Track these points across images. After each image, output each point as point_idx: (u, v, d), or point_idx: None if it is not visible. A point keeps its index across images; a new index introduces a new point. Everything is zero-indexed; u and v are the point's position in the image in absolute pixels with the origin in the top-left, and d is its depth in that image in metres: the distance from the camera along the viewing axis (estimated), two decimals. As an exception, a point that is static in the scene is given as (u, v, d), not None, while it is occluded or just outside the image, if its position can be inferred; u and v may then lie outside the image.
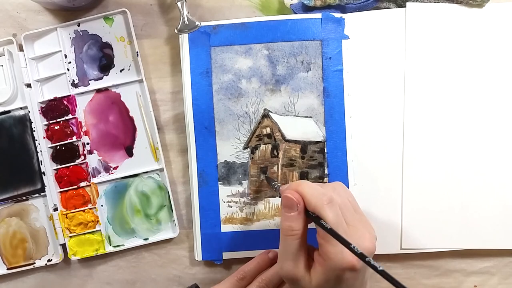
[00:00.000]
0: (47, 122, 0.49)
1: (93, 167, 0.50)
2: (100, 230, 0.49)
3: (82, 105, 0.49)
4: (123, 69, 0.49)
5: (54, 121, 0.49)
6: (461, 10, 0.47)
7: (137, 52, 0.48)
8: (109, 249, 0.50)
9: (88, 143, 0.49)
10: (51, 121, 0.49)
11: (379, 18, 0.48)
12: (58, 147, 0.49)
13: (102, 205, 0.50)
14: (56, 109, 0.49)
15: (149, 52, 0.50)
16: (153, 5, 0.50)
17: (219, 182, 0.48)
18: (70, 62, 0.49)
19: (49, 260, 0.50)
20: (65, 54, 0.49)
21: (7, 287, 0.50)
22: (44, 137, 0.49)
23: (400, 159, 0.48)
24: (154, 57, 0.50)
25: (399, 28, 0.48)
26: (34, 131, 0.48)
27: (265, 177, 0.48)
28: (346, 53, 0.48)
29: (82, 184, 0.49)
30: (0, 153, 0.49)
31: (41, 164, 0.49)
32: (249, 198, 0.49)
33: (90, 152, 0.50)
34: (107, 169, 0.50)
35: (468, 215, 0.48)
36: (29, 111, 0.48)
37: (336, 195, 0.37)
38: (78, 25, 0.49)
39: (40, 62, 0.49)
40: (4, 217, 0.49)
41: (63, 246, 0.49)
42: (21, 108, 0.49)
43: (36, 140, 0.48)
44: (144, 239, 0.50)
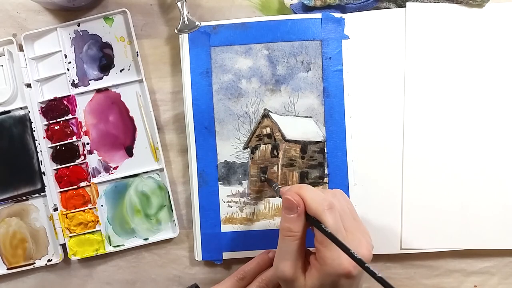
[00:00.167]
0: (47, 122, 0.49)
1: (93, 167, 0.50)
2: (100, 230, 0.49)
3: (82, 105, 0.49)
4: (123, 69, 0.49)
5: (54, 121, 0.49)
6: (461, 10, 0.47)
7: (137, 52, 0.48)
8: (109, 249, 0.50)
9: (88, 143, 0.49)
10: (51, 121, 0.49)
11: (379, 18, 0.48)
12: (58, 147, 0.49)
13: (102, 205, 0.50)
14: (56, 109, 0.49)
15: (149, 52, 0.50)
16: (153, 5, 0.50)
17: (219, 182, 0.48)
18: (70, 62, 0.49)
19: (49, 260, 0.50)
20: (65, 54, 0.49)
21: (7, 287, 0.50)
22: (44, 137, 0.49)
23: (400, 159, 0.48)
24: (154, 57, 0.50)
25: (399, 28, 0.48)
26: (34, 131, 0.48)
27: (266, 179, 0.48)
28: (346, 53, 0.48)
29: (82, 184, 0.49)
30: (0, 153, 0.49)
31: (41, 164, 0.49)
32: (249, 198, 0.49)
33: (90, 152, 0.50)
34: (107, 169, 0.50)
35: (468, 215, 0.48)
36: (29, 111, 0.48)
37: (336, 201, 0.37)
38: (78, 25, 0.49)
39: (40, 62, 0.49)
40: (4, 217, 0.49)
41: (63, 246, 0.49)
42: (21, 108, 0.49)
43: (36, 140, 0.48)
44: (144, 239, 0.50)
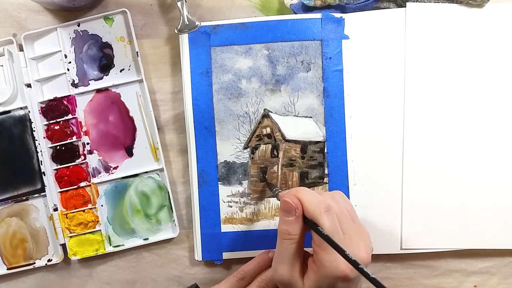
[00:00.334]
0: (47, 122, 0.49)
1: (93, 167, 0.50)
2: (100, 230, 0.49)
3: (82, 105, 0.49)
4: (123, 69, 0.49)
5: (54, 121, 0.49)
6: (461, 10, 0.47)
7: (137, 52, 0.48)
8: (109, 249, 0.50)
9: (88, 143, 0.49)
10: (51, 121, 0.49)
11: (379, 18, 0.48)
12: (58, 147, 0.49)
13: (102, 205, 0.50)
14: (56, 109, 0.49)
15: (149, 52, 0.50)
16: (153, 5, 0.50)
17: (219, 182, 0.48)
18: (70, 62, 0.49)
19: (49, 260, 0.50)
20: (65, 54, 0.49)
21: (7, 287, 0.50)
22: (44, 137, 0.49)
23: (400, 159, 0.48)
24: (154, 57, 0.50)
25: (399, 28, 0.48)
26: (34, 131, 0.48)
27: (266, 182, 0.48)
28: (346, 53, 0.48)
29: (82, 184, 0.49)
30: (0, 153, 0.49)
31: (41, 164, 0.49)
32: (249, 198, 0.49)
33: (90, 152, 0.50)
34: (107, 169, 0.50)
35: (468, 215, 0.48)
36: (29, 111, 0.48)
37: (335, 204, 0.37)
38: (78, 25, 0.49)
39: (40, 62, 0.49)
40: (4, 217, 0.49)
41: (63, 246, 0.49)
42: (21, 108, 0.49)
43: (36, 140, 0.48)
44: (144, 239, 0.50)
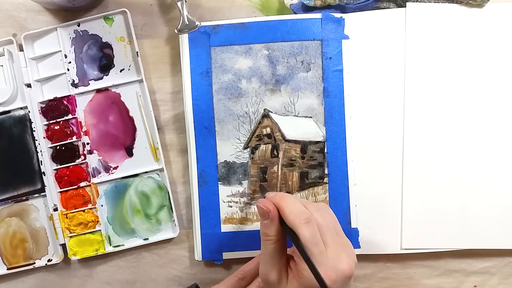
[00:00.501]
0: (47, 122, 0.49)
1: (93, 167, 0.50)
2: (100, 230, 0.49)
3: (82, 105, 0.49)
4: (123, 69, 0.49)
5: (54, 121, 0.49)
6: (461, 10, 0.47)
7: (137, 52, 0.48)
8: (109, 249, 0.50)
9: (88, 143, 0.49)
10: (51, 121, 0.49)
11: (379, 18, 0.48)
12: (58, 147, 0.49)
13: (102, 205, 0.50)
14: (56, 109, 0.49)
15: (149, 52, 0.50)
16: (153, 5, 0.50)
17: (219, 182, 0.48)
18: (70, 62, 0.49)
19: (49, 260, 0.50)
20: (65, 54, 0.49)
21: (7, 287, 0.50)
22: (44, 137, 0.49)
23: (400, 159, 0.48)
24: (154, 57, 0.50)
25: (399, 28, 0.48)
26: (34, 131, 0.48)
27: (260, 186, 0.48)
28: (346, 53, 0.48)
29: (82, 184, 0.49)
30: (0, 153, 0.49)
31: (41, 164, 0.49)
32: (249, 198, 0.49)
33: (90, 152, 0.50)
34: (107, 169, 0.50)
35: (468, 215, 0.48)
36: (29, 111, 0.48)
37: (319, 215, 0.37)
38: (78, 25, 0.49)
39: (40, 62, 0.49)
40: (4, 217, 0.49)
41: (63, 246, 0.49)
42: (21, 108, 0.49)
43: (36, 140, 0.48)
44: (144, 239, 0.50)
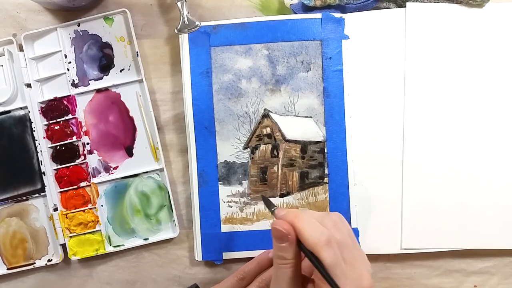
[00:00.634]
0: (47, 122, 0.49)
1: (93, 167, 0.50)
2: (100, 230, 0.49)
3: (82, 105, 0.49)
4: (123, 69, 0.49)
5: (54, 121, 0.49)
6: (461, 10, 0.47)
7: (137, 52, 0.48)
8: (109, 249, 0.50)
9: (88, 143, 0.49)
10: (51, 121, 0.49)
11: (379, 18, 0.48)
12: (58, 147, 0.49)
13: (102, 205, 0.50)
14: (56, 109, 0.49)
15: (149, 52, 0.50)
16: (153, 5, 0.50)
17: (219, 182, 0.48)
18: (70, 62, 0.49)
19: (49, 260, 0.49)
20: (65, 54, 0.49)
21: (7, 287, 0.50)
22: (44, 137, 0.49)
23: (400, 159, 0.48)
24: (154, 57, 0.50)
25: (399, 28, 0.48)
26: (34, 131, 0.48)
27: (262, 197, 0.45)
28: (346, 53, 0.48)
29: (82, 184, 0.49)
30: (0, 153, 0.49)
31: (41, 164, 0.48)
32: (249, 198, 0.49)
33: (90, 152, 0.50)
34: (107, 169, 0.50)
35: (468, 215, 0.48)
36: (29, 111, 0.48)
37: (337, 231, 0.35)
38: (78, 25, 0.49)
39: (40, 62, 0.49)
40: (4, 217, 0.49)
41: (63, 246, 0.49)
42: (21, 108, 0.49)
43: (36, 140, 0.48)
44: (144, 239, 0.50)
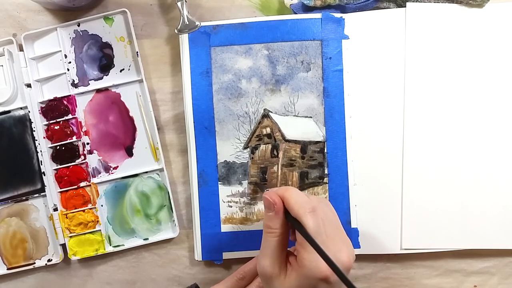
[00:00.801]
0: (47, 122, 0.49)
1: (93, 167, 0.50)
2: (100, 230, 0.49)
3: (82, 105, 0.49)
4: (123, 69, 0.49)
5: (54, 121, 0.49)
6: (461, 10, 0.47)
7: (137, 52, 0.48)
8: (109, 249, 0.50)
9: (88, 143, 0.49)
10: (51, 121, 0.49)
11: (379, 18, 0.48)
12: (58, 147, 0.49)
13: (102, 205, 0.50)
14: (56, 109, 0.49)
15: (149, 52, 0.50)
16: (153, 5, 0.50)
17: (219, 182, 0.48)
18: (70, 62, 0.49)
19: (49, 260, 0.50)
20: (65, 54, 0.49)
21: (7, 287, 0.50)
22: (44, 137, 0.49)
23: (400, 159, 0.48)
24: (154, 57, 0.50)
25: (399, 28, 0.48)
26: (34, 131, 0.48)
27: (256, 184, 0.48)
28: (346, 53, 0.48)
29: (82, 184, 0.49)
30: (0, 153, 0.49)
31: (41, 164, 0.49)
32: (249, 198, 0.49)
33: (90, 152, 0.50)
34: (107, 169, 0.50)
35: (468, 215, 0.48)
36: (29, 111, 0.48)
37: (321, 208, 0.37)
38: (78, 25, 0.49)
39: (40, 62, 0.49)
40: (4, 217, 0.49)
41: (63, 246, 0.49)
42: (21, 108, 0.49)
43: (36, 140, 0.48)
44: (144, 239, 0.50)
